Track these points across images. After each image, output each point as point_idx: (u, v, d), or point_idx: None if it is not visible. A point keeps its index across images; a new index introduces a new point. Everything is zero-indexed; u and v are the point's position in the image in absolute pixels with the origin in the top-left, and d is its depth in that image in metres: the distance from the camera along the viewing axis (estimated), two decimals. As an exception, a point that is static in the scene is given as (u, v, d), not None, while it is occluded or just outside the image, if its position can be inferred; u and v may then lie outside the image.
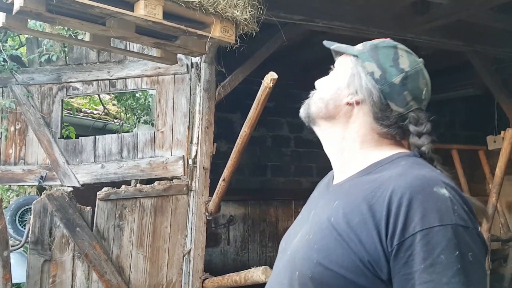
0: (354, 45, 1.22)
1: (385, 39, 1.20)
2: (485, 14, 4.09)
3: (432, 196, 0.90)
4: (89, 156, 4.31)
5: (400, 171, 0.99)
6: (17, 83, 4.35)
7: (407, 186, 0.92)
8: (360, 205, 0.97)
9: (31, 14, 2.34)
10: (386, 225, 0.91)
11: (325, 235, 1.00)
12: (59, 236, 3.94)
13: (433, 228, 0.86)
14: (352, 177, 1.10)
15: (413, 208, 0.89)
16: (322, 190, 1.24)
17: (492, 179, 4.71)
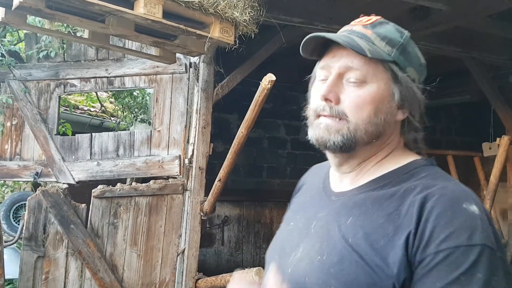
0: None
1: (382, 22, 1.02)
2: (483, 21, 4.11)
3: (462, 213, 0.84)
4: (85, 153, 4.30)
5: (424, 184, 0.90)
6: (14, 78, 4.34)
7: (435, 201, 0.85)
8: (384, 226, 0.88)
9: (30, 9, 2.34)
10: (413, 241, 0.84)
11: (344, 258, 0.89)
12: (53, 232, 3.93)
13: (459, 247, 0.81)
14: (364, 188, 0.98)
15: (440, 224, 0.82)
16: (316, 196, 1.10)
17: (486, 186, 4.73)
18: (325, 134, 0.96)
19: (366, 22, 1.00)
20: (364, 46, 0.94)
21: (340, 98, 0.95)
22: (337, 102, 0.95)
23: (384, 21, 1.02)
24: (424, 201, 0.86)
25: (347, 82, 0.96)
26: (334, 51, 0.99)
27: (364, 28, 0.99)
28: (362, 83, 0.95)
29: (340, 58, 0.97)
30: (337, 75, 0.96)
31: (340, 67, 0.96)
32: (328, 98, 0.95)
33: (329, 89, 0.95)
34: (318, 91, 0.98)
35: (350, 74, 0.96)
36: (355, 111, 0.94)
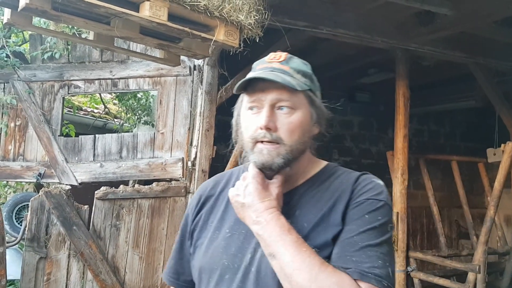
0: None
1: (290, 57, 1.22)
2: (488, 27, 4.10)
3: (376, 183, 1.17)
4: (88, 154, 4.31)
5: (347, 175, 1.21)
6: (19, 79, 4.35)
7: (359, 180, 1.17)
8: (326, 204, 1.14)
9: (36, 11, 2.34)
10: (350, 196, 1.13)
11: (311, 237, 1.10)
12: (55, 234, 3.93)
13: (370, 199, 1.12)
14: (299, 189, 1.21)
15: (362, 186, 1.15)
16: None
17: (491, 192, 4.71)
18: (269, 159, 1.13)
19: (280, 59, 1.19)
20: (292, 81, 1.13)
21: (276, 126, 1.14)
22: (275, 130, 1.13)
23: (291, 56, 1.22)
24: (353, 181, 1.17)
25: (279, 112, 1.14)
26: (263, 86, 1.15)
27: (281, 64, 1.18)
28: (291, 111, 1.14)
29: (270, 92, 1.14)
30: (270, 106, 1.14)
31: (272, 99, 1.14)
32: (269, 127, 1.12)
33: (268, 120, 1.12)
34: (254, 121, 1.15)
35: (280, 104, 1.14)
36: (289, 135, 1.14)
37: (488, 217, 4.47)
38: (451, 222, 7.25)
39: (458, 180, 5.34)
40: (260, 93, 1.15)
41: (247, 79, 1.16)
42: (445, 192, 7.18)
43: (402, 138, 4.34)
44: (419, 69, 5.09)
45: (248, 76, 1.16)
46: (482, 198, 6.81)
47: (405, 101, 4.35)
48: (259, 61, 1.23)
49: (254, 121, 1.15)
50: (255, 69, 1.21)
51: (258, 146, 1.14)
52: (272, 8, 3.09)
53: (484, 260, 4.38)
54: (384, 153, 5.06)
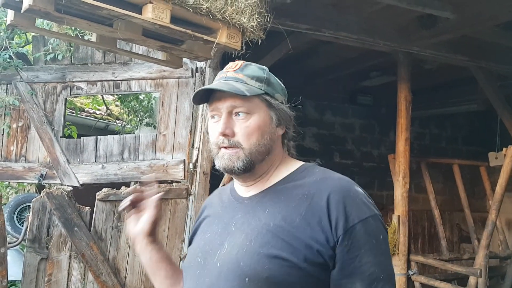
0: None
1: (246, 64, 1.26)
2: (490, 31, 4.10)
3: (357, 194, 1.14)
4: (90, 156, 4.31)
5: (321, 176, 1.19)
6: (21, 80, 4.37)
7: (338, 188, 1.14)
8: (297, 207, 1.13)
9: (39, 13, 2.35)
10: (329, 220, 1.08)
11: (270, 239, 1.09)
12: (56, 235, 3.94)
13: (367, 219, 1.10)
14: (271, 189, 1.22)
15: (349, 205, 1.10)
16: (228, 206, 1.28)
17: (492, 196, 4.70)
18: (230, 163, 1.19)
19: (235, 68, 1.24)
20: (242, 88, 1.18)
21: (234, 131, 1.19)
22: (233, 135, 1.19)
23: (248, 63, 1.26)
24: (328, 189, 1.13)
25: (236, 118, 1.20)
26: (219, 95, 1.21)
27: (235, 72, 1.23)
28: (247, 115, 1.19)
29: (226, 100, 1.19)
30: (227, 114, 1.20)
31: (227, 107, 1.20)
32: (225, 133, 1.19)
33: (225, 126, 1.19)
34: (215, 128, 1.21)
35: (236, 110, 1.19)
36: (246, 139, 1.19)
37: (490, 221, 4.47)
38: (452, 225, 7.23)
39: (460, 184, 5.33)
40: (218, 102, 1.21)
41: (202, 91, 1.22)
42: (447, 196, 7.18)
43: (404, 141, 4.34)
44: (421, 72, 5.09)
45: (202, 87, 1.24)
46: (483, 202, 6.80)
47: (407, 104, 4.36)
48: (220, 71, 1.29)
49: (215, 128, 1.21)
50: (214, 80, 1.28)
51: (221, 151, 1.20)
52: (275, 11, 3.10)
53: (486, 264, 4.37)
54: (386, 156, 5.06)
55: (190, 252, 1.30)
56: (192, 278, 1.21)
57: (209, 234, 1.25)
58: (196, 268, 1.20)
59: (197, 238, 1.32)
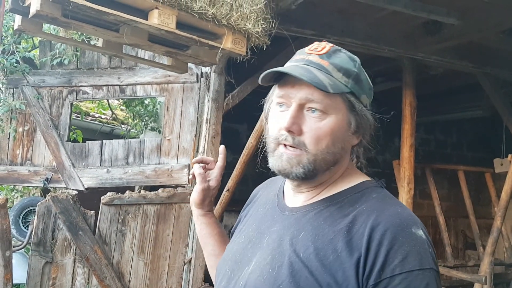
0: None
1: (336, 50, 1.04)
2: (496, 37, 4.09)
3: (412, 237, 0.88)
4: (95, 160, 4.33)
5: (374, 205, 0.95)
6: (28, 84, 4.40)
7: (387, 225, 0.89)
8: (334, 241, 0.91)
9: (46, 18, 2.37)
10: (364, 263, 0.87)
11: (294, 273, 0.91)
12: (61, 238, 3.95)
13: (413, 272, 0.85)
14: (317, 205, 1.01)
15: (394, 249, 0.86)
16: (270, 210, 1.11)
17: (498, 202, 4.68)
18: (288, 166, 0.98)
19: (321, 52, 1.01)
20: (325, 81, 0.95)
21: (302, 130, 0.97)
22: (299, 134, 0.97)
23: (337, 48, 1.03)
24: (375, 224, 0.89)
25: (308, 112, 0.98)
26: (293, 81, 0.98)
27: (320, 58, 0.99)
28: (322, 115, 0.97)
29: (301, 89, 0.97)
30: (298, 106, 0.98)
31: (301, 98, 0.97)
32: (291, 129, 0.97)
33: (292, 121, 0.97)
34: (279, 120, 1.00)
35: (311, 105, 0.97)
36: (314, 142, 0.97)
37: (495, 227, 4.45)
38: (457, 232, 7.20)
39: (465, 190, 5.31)
40: (290, 88, 0.98)
41: (273, 72, 0.99)
42: (452, 202, 7.15)
43: (409, 147, 4.33)
44: (426, 78, 5.08)
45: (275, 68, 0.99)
46: (489, 208, 6.77)
47: (411, 110, 4.35)
48: (300, 50, 1.06)
49: (280, 119, 0.99)
50: (292, 60, 1.05)
51: (279, 149, 0.99)
52: (280, 17, 3.11)
53: (491, 271, 4.35)
54: (391, 162, 5.05)
55: (227, 251, 1.16)
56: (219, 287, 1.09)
57: (244, 238, 1.10)
58: (223, 278, 1.08)
59: (235, 236, 1.18)
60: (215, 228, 1.32)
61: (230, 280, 1.04)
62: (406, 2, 3.37)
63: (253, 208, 1.22)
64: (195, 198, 1.29)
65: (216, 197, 4.02)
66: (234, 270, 1.05)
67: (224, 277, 1.07)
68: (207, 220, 1.32)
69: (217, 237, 1.32)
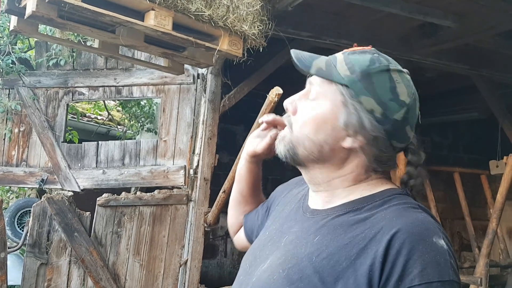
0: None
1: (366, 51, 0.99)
2: (492, 40, 4.11)
3: (432, 247, 0.83)
4: (91, 161, 4.32)
5: (395, 212, 0.90)
6: (24, 85, 4.38)
7: (407, 232, 0.84)
8: (348, 247, 0.87)
9: (42, 19, 2.37)
10: (380, 272, 0.82)
11: (304, 278, 0.88)
12: (56, 240, 3.94)
13: (433, 283, 0.80)
14: (336, 210, 0.97)
15: (413, 259, 0.81)
16: (294, 209, 1.09)
17: (493, 204, 4.69)
18: (277, 142, 1.03)
19: (351, 49, 1.00)
20: (315, 65, 0.96)
21: (297, 111, 0.99)
22: (294, 113, 0.99)
23: (368, 51, 0.99)
24: (394, 232, 0.84)
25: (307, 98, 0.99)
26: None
27: (342, 53, 1.00)
28: (313, 101, 0.97)
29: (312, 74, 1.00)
30: (306, 90, 1.00)
31: (309, 81, 1.00)
32: (287, 106, 1.00)
33: (291, 100, 1.00)
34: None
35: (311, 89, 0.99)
36: (299, 125, 0.97)
37: (490, 229, 4.46)
38: (453, 234, 7.22)
39: (461, 192, 5.32)
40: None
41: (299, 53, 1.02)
42: (448, 204, 7.16)
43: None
44: (422, 80, 5.10)
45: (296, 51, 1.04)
46: (484, 210, 6.78)
47: (407, 112, 4.35)
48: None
49: None
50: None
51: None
52: (276, 19, 3.12)
53: (486, 272, 4.36)
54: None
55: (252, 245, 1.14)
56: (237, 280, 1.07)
57: (267, 235, 1.09)
58: (242, 272, 1.07)
59: (260, 232, 1.16)
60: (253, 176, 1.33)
61: (246, 274, 1.03)
62: (403, 5, 3.38)
63: (282, 202, 1.19)
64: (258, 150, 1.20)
65: (212, 198, 4.04)
66: (252, 265, 1.04)
67: (243, 271, 1.06)
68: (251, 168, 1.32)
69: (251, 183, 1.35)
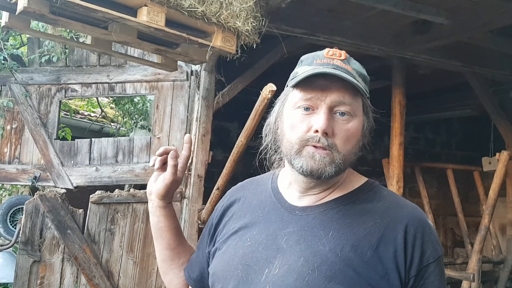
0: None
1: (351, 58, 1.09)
2: (484, 37, 4.13)
3: (431, 229, 1.03)
4: (84, 158, 4.30)
5: (394, 202, 1.06)
6: (16, 82, 4.35)
7: (415, 220, 1.02)
8: (368, 237, 0.98)
9: (34, 15, 2.35)
10: (404, 256, 0.97)
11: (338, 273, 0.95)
12: (49, 237, 3.92)
13: (439, 257, 1.01)
14: (333, 204, 1.05)
15: (425, 240, 1.00)
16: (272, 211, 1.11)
17: (486, 201, 4.72)
18: (321, 166, 1.00)
19: (340, 58, 1.05)
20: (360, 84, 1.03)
21: (334, 132, 1.01)
22: (332, 136, 1.01)
23: (349, 56, 1.08)
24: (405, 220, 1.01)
25: (336, 115, 1.02)
26: (322, 84, 1.01)
27: (343, 63, 1.04)
28: (350, 118, 1.02)
29: (331, 92, 1.01)
30: (328, 109, 1.01)
31: (332, 101, 1.01)
32: (327, 132, 1.00)
33: (328, 123, 0.99)
34: (306, 121, 1.02)
35: (341, 108, 1.01)
36: (344, 143, 1.02)
37: (483, 225, 4.49)
38: (446, 230, 7.26)
39: (454, 188, 5.35)
40: (319, 92, 1.01)
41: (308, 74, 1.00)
42: (441, 200, 7.20)
43: (398, 146, 4.36)
44: (415, 77, 5.11)
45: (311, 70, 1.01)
46: (477, 206, 6.83)
47: (401, 109, 4.37)
48: (312, 55, 1.08)
49: (305, 121, 1.01)
50: (310, 64, 1.06)
51: (307, 149, 1.00)
52: (270, 15, 3.11)
53: (479, 268, 4.39)
54: (380, 161, 5.07)
55: (223, 257, 1.12)
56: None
57: (249, 242, 1.08)
58: (237, 283, 1.04)
59: (231, 242, 1.12)
60: (173, 221, 1.31)
61: (246, 283, 1.02)
62: (396, 1, 3.38)
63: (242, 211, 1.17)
64: (160, 190, 1.26)
65: (206, 195, 4.03)
66: (249, 273, 1.03)
67: (239, 281, 1.04)
68: (167, 212, 1.30)
69: (174, 231, 1.31)
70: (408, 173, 5.46)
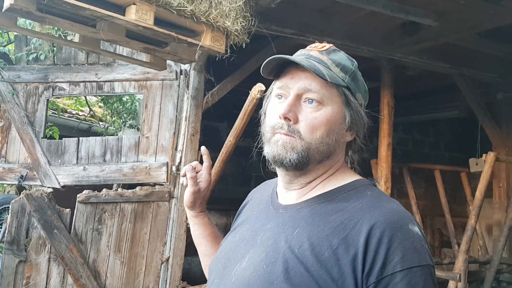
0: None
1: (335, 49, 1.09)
2: (472, 39, 4.17)
3: (409, 234, 0.90)
4: (72, 157, 4.26)
5: (370, 202, 0.97)
6: (2, 80, 4.30)
7: (386, 222, 0.90)
8: (330, 237, 0.92)
9: (21, 12, 2.32)
10: (363, 260, 0.88)
11: (289, 269, 0.92)
12: (35, 237, 3.88)
13: (413, 268, 0.87)
14: (310, 202, 1.03)
15: (393, 246, 0.87)
16: (264, 209, 1.13)
17: (472, 201, 4.76)
18: (282, 151, 1.00)
19: (322, 49, 1.06)
20: (324, 71, 1.00)
21: (298, 118, 1.01)
22: (295, 122, 1.01)
23: (336, 49, 1.09)
24: (373, 221, 0.91)
25: (305, 103, 1.02)
26: (292, 72, 1.04)
27: (320, 54, 1.05)
28: (319, 105, 1.01)
29: (299, 80, 1.02)
30: (296, 95, 1.02)
31: (299, 88, 1.02)
32: (288, 117, 1.00)
33: (289, 109, 1.00)
34: (276, 109, 1.03)
35: (308, 96, 1.01)
36: (309, 131, 1.00)
37: (469, 226, 4.52)
38: (433, 230, 7.32)
39: (441, 189, 5.39)
40: (289, 79, 1.03)
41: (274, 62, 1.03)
42: (428, 201, 7.25)
43: (386, 147, 4.38)
44: (403, 78, 5.15)
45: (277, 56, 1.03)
46: (464, 207, 6.88)
47: (389, 110, 4.40)
48: (302, 49, 1.11)
49: (277, 109, 1.03)
50: (294, 55, 1.08)
51: (276, 136, 1.02)
52: (259, 15, 3.11)
53: (465, 268, 4.42)
54: (368, 161, 5.09)
55: (220, 249, 1.17)
56: (211, 285, 1.09)
57: (238, 237, 1.12)
58: (216, 275, 1.09)
59: (230, 236, 1.18)
60: (207, 228, 1.37)
61: (222, 276, 1.06)
62: (385, 3, 3.40)
63: (247, 210, 1.24)
64: (187, 201, 1.34)
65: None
66: (226, 266, 1.07)
67: (217, 274, 1.09)
68: (200, 220, 1.37)
69: (209, 238, 1.37)
70: (396, 173, 5.49)
